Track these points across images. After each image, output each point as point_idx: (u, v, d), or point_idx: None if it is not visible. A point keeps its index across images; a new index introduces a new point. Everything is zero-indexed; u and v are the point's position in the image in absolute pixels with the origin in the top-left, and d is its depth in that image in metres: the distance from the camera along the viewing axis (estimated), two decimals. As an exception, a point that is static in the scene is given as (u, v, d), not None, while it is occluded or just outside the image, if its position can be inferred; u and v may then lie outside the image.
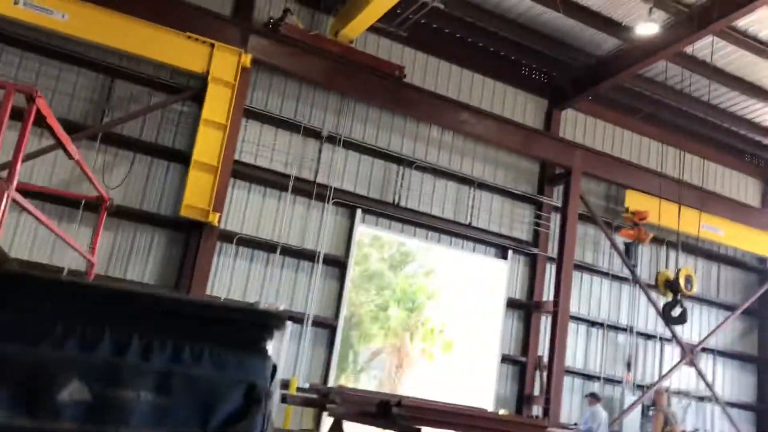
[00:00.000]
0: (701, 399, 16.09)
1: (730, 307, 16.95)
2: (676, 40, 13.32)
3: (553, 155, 15.07)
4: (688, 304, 13.93)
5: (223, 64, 11.80)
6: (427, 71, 14.49)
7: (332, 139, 13.21)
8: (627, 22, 13.87)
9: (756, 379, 17.24)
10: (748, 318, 17.34)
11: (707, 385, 15.64)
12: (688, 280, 13.38)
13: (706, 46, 14.17)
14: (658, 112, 16.58)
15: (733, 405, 16.63)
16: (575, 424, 14.07)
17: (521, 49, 15.14)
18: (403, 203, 13.70)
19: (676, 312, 13.47)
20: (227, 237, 12.06)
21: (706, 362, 16.40)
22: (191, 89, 11.99)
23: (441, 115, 13.98)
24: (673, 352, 15.95)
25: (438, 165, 14.18)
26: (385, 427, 7.70)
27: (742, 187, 18.12)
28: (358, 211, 13.25)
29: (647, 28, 12.98)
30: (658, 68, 15.17)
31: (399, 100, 13.64)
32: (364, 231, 13.64)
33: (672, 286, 13.38)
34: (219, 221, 11.55)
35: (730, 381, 16.94)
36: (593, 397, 13.43)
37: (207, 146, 11.51)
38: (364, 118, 13.68)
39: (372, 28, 13.26)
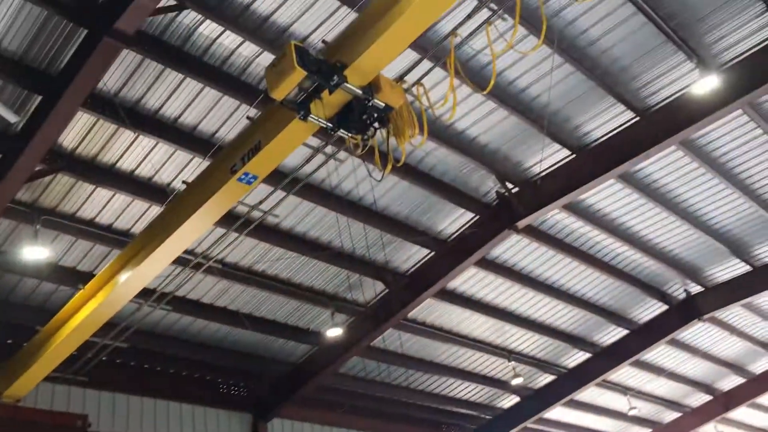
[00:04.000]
0: None
1: None
2: (359, 337, 14.22)
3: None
4: None
5: None
6: (116, 412, 13.07)
7: None
8: (313, 327, 14.46)
9: None
10: None
11: None
12: None
13: (389, 335, 15.30)
14: (359, 403, 17.00)
15: None
16: None
17: (215, 368, 14.72)
18: None
19: None
20: None
21: None
22: None
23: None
24: None
25: None
26: None
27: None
28: None
29: (333, 331, 13.61)
30: (350, 363, 15.85)
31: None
32: None
33: None
34: None
35: None
36: None
37: None
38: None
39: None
